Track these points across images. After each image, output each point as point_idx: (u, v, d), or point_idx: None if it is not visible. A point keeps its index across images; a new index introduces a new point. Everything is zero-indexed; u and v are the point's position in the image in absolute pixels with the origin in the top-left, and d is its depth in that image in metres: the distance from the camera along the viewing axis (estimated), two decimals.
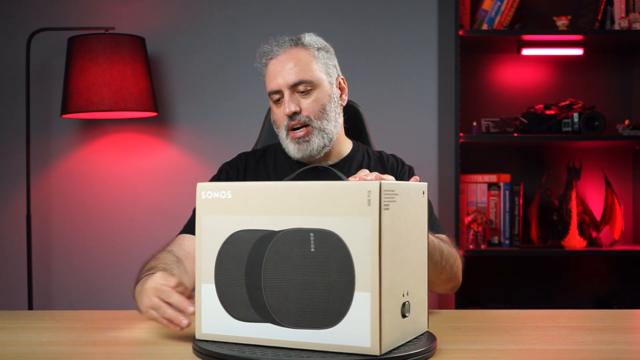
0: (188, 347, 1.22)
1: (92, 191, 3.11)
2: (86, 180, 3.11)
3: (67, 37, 2.87)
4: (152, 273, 1.39)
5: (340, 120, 1.73)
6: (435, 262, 1.49)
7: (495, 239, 2.92)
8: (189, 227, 1.69)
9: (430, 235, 1.48)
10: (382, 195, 1.08)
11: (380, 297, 1.08)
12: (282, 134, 1.69)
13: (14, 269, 3.09)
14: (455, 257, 1.57)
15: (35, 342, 1.31)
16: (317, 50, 1.69)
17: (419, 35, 3.09)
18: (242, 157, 1.81)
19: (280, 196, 1.15)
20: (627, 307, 2.95)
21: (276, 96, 1.68)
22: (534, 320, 1.50)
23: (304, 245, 1.12)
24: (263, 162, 1.78)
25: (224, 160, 1.82)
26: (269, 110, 2.05)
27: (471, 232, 2.86)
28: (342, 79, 1.75)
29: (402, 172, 1.78)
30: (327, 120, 1.67)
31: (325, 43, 1.73)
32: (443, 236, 1.65)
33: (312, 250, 1.12)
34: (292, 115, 1.65)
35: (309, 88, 1.65)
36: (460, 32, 2.78)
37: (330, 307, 1.11)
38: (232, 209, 1.18)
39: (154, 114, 2.94)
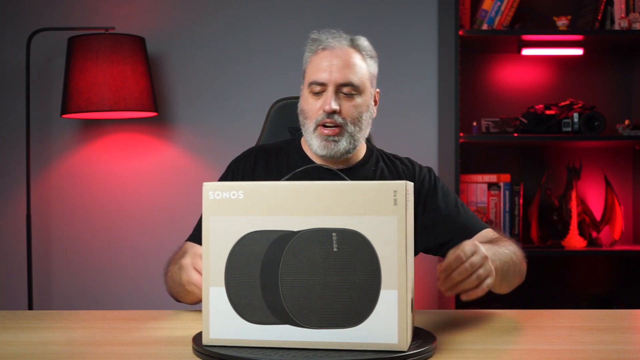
0: (188, 348, 1.22)
1: (92, 191, 3.11)
2: (86, 180, 3.11)
3: (67, 37, 2.87)
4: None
5: (368, 131, 1.71)
6: (508, 280, 1.51)
7: None
8: (196, 237, 1.67)
9: (499, 253, 1.45)
10: (406, 195, 1.11)
11: (407, 294, 1.11)
12: (310, 127, 1.65)
13: (14, 269, 3.09)
14: (521, 258, 1.58)
15: (35, 342, 1.31)
16: (370, 57, 1.69)
17: (419, 35, 3.09)
18: (252, 153, 1.77)
19: (297, 196, 1.14)
20: (627, 307, 2.95)
21: (318, 88, 1.63)
22: (534, 320, 1.50)
23: (325, 245, 1.12)
24: (275, 159, 1.74)
25: (225, 160, 1.81)
26: (270, 109, 2.04)
27: None
28: (378, 92, 1.75)
29: (420, 175, 1.75)
30: (359, 128, 1.65)
31: (375, 53, 1.72)
32: (491, 233, 1.63)
33: (335, 250, 1.12)
34: (331, 114, 1.62)
35: (353, 92, 1.64)
36: (460, 32, 2.78)
37: (355, 306, 1.11)
38: (244, 209, 1.15)
39: (154, 114, 2.94)
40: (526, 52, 2.97)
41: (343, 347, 1.12)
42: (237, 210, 1.16)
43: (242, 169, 1.74)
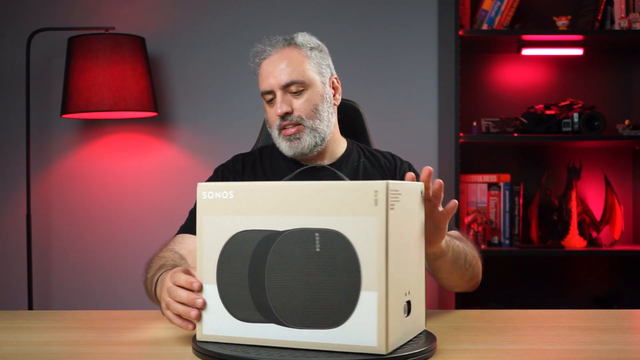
0: (188, 348, 1.22)
1: (92, 191, 3.11)
2: (86, 180, 3.11)
3: (67, 37, 2.87)
4: (165, 270, 1.39)
5: (333, 119, 1.72)
6: (460, 266, 1.53)
7: (495, 239, 2.92)
8: (187, 228, 1.69)
9: (455, 240, 1.51)
10: (389, 195, 1.09)
11: (387, 297, 1.08)
12: (275, 133, 1.70)
13: (14, 269, 3.09)
14: (477, 259, 1.61)
15: (35, 342, 1.31)
16: (310, 49, 1.69)
17: (419, 35, 3.09)
18: (238, 158, 1.81)
19: (284, 196, 1.14)
20: (627, 307, 2.95)
21: (269, 96, 1.68)
22: (534, 320, 1.50)
23: (309, 245, 1.12)
24: (260, 163, 1.78)
25: (224, 160, 1.83)
26: None
27: (471, 232, 2.86)
28: (336, 78, 1.75)
29: (401, 169, 1.77)
30: (319, 120, 1.67)
31: (319, 42, 1.73)
32: (457, 233, 1.66)
33: (318, 250, 1.11)
34: (284, 116, 1.66)
35: (301, 88, 1.66)
36: (460, 32, 2.78)
37: (336, 307, 1.11)
38: (235, 209, 1.17)
39: (154, 114, 2.94)
40: (526, 52, 2.97)
41: (324, 347, 1.12)
42: (228, 210, 1.17)
43: (232, 171, 1.77)
